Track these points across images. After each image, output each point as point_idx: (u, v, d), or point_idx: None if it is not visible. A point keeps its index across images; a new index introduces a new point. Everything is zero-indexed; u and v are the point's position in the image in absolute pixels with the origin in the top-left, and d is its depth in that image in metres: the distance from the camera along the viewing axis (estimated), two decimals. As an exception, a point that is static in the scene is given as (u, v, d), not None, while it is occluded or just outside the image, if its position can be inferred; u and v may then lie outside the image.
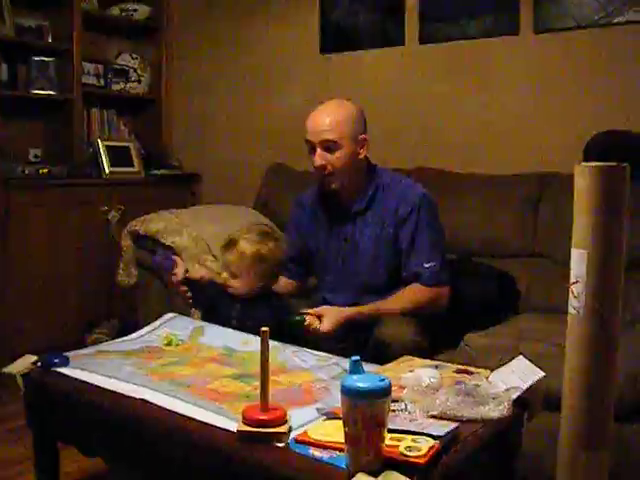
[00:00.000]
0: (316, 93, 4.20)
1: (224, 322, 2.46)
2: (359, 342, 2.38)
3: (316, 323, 2.35)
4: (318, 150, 2.53)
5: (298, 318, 2.36)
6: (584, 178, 1.42)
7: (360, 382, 1.35)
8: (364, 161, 2.63)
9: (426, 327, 2.40)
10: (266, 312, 2.42)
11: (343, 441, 1.39)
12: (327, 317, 2.36)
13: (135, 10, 4.70)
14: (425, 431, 1.48)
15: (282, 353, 2.15)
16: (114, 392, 1.86)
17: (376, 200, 2.61)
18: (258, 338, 1.59)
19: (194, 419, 1.66)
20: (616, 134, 2.99)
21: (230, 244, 2.46)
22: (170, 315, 2.56)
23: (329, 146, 2.52)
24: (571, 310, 1.47)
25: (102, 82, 4.62)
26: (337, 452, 1.44)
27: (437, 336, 2.57)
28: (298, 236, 2.76)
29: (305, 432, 1.53)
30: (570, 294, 1.47)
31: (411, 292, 2.51)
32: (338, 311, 2.40)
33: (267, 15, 4.42)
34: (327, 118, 2.53)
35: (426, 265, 2.50)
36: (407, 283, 2.54)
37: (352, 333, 2.43)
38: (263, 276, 2.47)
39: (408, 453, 1.38)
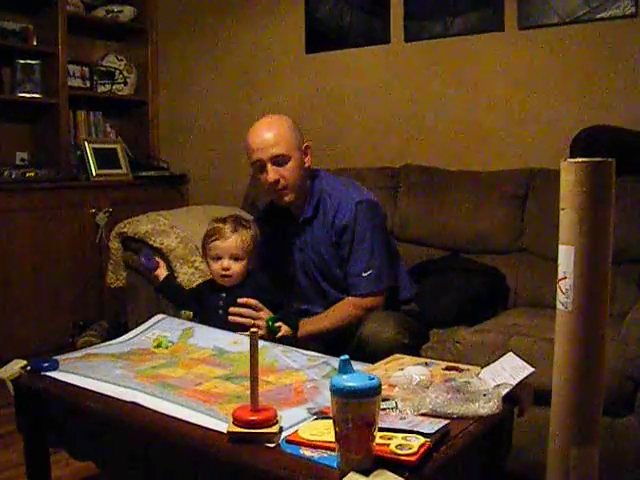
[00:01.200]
0: (302, 92, 4.22)
1: (210, 315, 2.52)
2: (344, 340, 2.43)
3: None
4: (269, 166, 2.52)
5: (273, 329, 2.45)
6: (570, 174, 1.42)
7: (350, 381, 1.35)
8: (309, 169, 2.65)
9: (407, 324, 2.43)
10: (250, 292, 2.52)
11: (334, 441, 1.39)
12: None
13: (120, 11, 4.69)
14: (416, 429, 1.49)
15: (272, 353, 2.15)
16: (104, 395, 1.85)
17: (320, 207, 2.62)
18: (247, 339, 1.59)
19: (185, 421, 1.65)
20: (602, 129, 3.00)
21: (223, 232, 2.54)
22: (159, 317, 2.56)
23: (279, 160, 2.52)
24: (559, 306, 1.47)
25: (88, 84, 4.60)
26: (328, 452, 1.44)
27: (422, 333, 2.59)
28: (267, 252, 2.76)
29: (296, 432, 1.53)
30: (558, 290, 1.47)
31: (342, 308, 2.54)
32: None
33: (253, 15, 4.41)
34: (270, 133, 2.53)
35: (364, 274, 2.51)
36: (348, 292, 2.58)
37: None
38: (252, 257, 2.57)
39: (399, 451, 1.38)
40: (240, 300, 2.47)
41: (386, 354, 2.13)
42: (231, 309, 2.48)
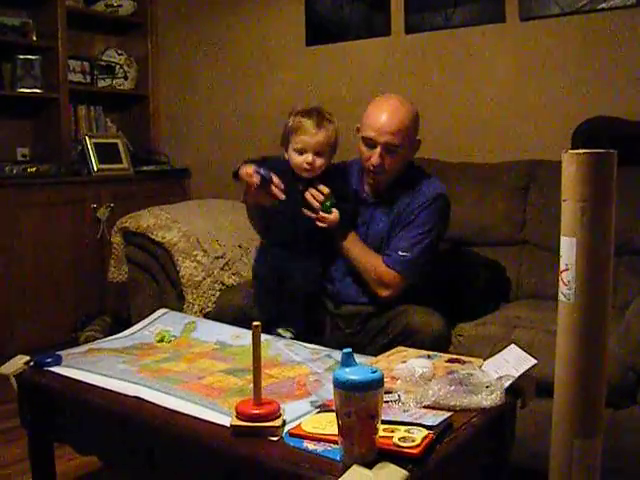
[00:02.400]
0: (303, 85, 4.21)
1: (289, 198, 2.50)
2: (386, 330, 2.43)
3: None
4: (378, 149, 2.47)
5: (326, 207, 2.48)
6: (571, 165, 1.42)
7: (352, 374, 1.35)
8: (410, 161, 2.62)
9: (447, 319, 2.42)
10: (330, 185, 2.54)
11: (337, 434, 1.39)
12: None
13: (120, 6, 4.68)
14: (418, 421, 1.49)
15: (274, 346, 2.16)
16: (107, 390, 1.86)
17: (396, 193, 2.58)
18: (250, 332, 1.59)
19: (188, 415, 1.66)
20: (604, 120, 2.99)
21: (309, 127, 2.54)
22: (162, 311, 2.56)
23: (390, 148, 2.47)
24: (561, 297, 1.47)
25: (88, 79, 4.60)
26: (331, 445, 1.44)
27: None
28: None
29: (299, 425, 1.53)
30: (560, 282, 1.47)
31: (375, 261, 2.51)
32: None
33: (253, 8, 4.40)
34: (395, 120, 2.47)
35: (400, 252, 2.49)
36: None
37: (367, 323, 2.51)
38: (334, 152, 2.60)
39: (402, 444, 1.39)
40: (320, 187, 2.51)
41: (432, 345, 2.15)
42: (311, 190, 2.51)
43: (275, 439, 1.51)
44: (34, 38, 4.23)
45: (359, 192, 2.65)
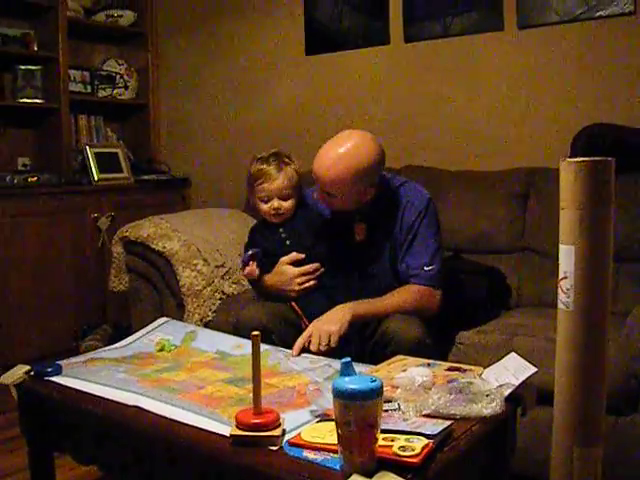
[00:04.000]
0: (302, 95, 4.22)
1: (278, 251, 2.58)
2: (363, 336, 2.40)
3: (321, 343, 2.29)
4: (321, 194, 2.48)
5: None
6: (569, 173, 1.42)
7: (351, 384, 1.35)
8: (372, 189, 2.50)
9: (430, 325, 2.38)
10: (305, 220, 2.61)
11: (337, 443, 1.39)
12: (330, 327, 2.30)
13: (120, 16, 4.70)
14: (418, 430, 1.49)
15: (274, 356, 2.15)
16: (107, 399, 1.86)
17: (381, 206, 2.55)
18: (249, 342, 1.59)
19: (188, 425, 1.66)
20: (602, 127, 2.99)
21: (268, 174, 2.56)
22: (162, 320, 2.57)
23: (329, 194, 2.44)
24: (561, 305, 1.47)
25: (89, 89, 4.60)
26: (331, 454, 1.44)
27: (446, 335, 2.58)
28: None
29: (298, 435, 1.53)
30: (559, 289, 1.47)
31: (406, 292, 2.46)
32: (338, 321, 2.31)
33: (253, 18, 4.41)
34: (330, 173, 2.38)
35: (426, 268, 2.47)
36: (402, 283, 2.51)
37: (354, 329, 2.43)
38: (299, 189, 2.63)
39: (402, 453, 1.38)
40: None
41: (409, 353, 2.12)
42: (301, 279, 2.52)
43: (275, 448, 1.51)
44: (35, 48, 4.24)
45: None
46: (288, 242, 2.58)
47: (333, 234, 2.62)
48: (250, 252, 2.61)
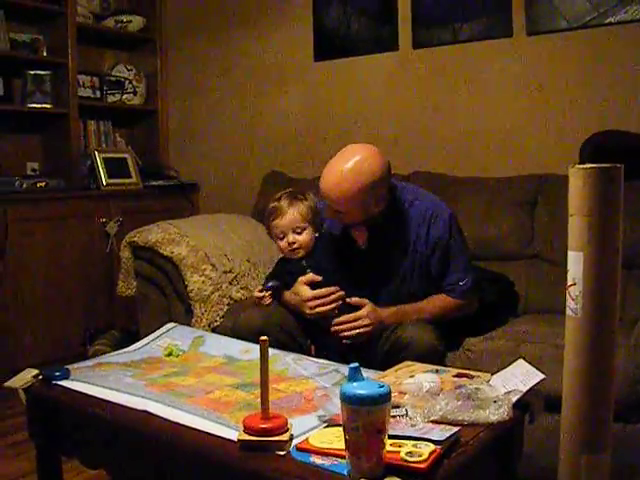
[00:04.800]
0: (311, 100, 4.23)
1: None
2: (372, 340, 2.42)
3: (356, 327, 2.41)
4: (333, 213, 2.47)
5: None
6: (578, 180, 1.42)
7: (359, 389, 1.36)
8: (382, 201, 2.48)
9: (442, 331, 2.40)
10: (323, 246, 2.59)
11: (344, 448, 1.39)
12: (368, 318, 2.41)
13: (129, 21, 4.71)
14: (426, 436, 1.49)
15: (282, 361, 2.15)
16: (116, 404, 1.86)
17: (399, 219, 2.53)
18: (257, 347, 1.59)
19: (195, 429, 1.66)
20: (612, 134, 2.99)
21: (279, 210, 2.54)
22: (170, 325, 2.57)
23: (339, 211, 2.44)
24: (569, 312, 1.47)
25: (98, 94, 4.62)
26: (338, 459, 1.44)
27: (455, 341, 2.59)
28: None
29: (306, 440, 1.53)
30: (567, 296, 1.47)
31: (440, 300, 2.51)
32: (377, 314, 2.44)
33: (261, 24, 4.43)
34: (336, 192, 2.37)
35: (460, 283, 2.50)
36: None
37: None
38: (317, 224, 2.58)
39: (409, 459, 1.38)
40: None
41: (421, 359, 2.12)
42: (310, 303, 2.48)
43: (282, 453, 1.51)
44: (44, 54, 4.26)
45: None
46: (309, 270, 2.55)
47: (342, 248, 2.61)
48: (271, 284, 2.60)
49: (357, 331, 2.40)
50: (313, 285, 2.51)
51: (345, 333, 2.42)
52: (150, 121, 4.97)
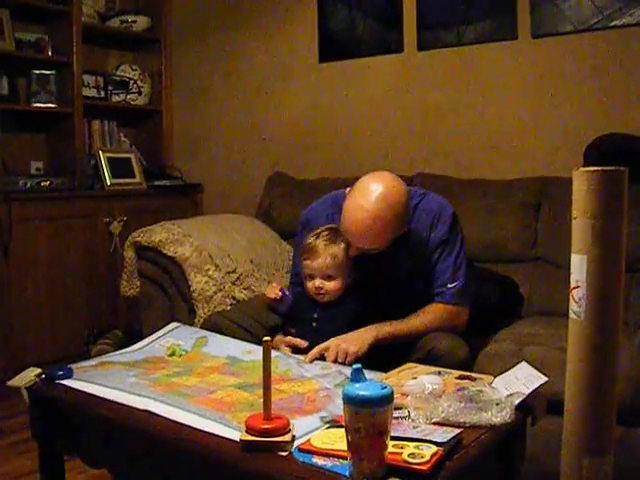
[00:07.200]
0: (316, 101, 4.23)
1: (304, 325, 2.44)
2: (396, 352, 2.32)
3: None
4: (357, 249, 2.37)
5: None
6: (582, 183, 1.42)
7: (362, 390, 1.35)
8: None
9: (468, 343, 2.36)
10: (352, 306, 2.41)
11: (346, 449, 1.39)
12: (349, 346, 2.24)
13: (134, 22, 4.72)
14: (428, 438, 1.48)
15: (285, 362, 2.15)
16: (118, 403, 1.86)
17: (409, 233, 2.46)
18: (260, 347, 1.59)
19: (198, 429, 1.65)
20: (616, 137, 2.99)
21: (314, 250, 2.39)
22: (173, 325, 2.57)
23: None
24: (572, 315, 1.47)
25: (102, 94, 4.62)
26: (341, 460, 1.43)
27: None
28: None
29: (308, 441, 1.53)
30: (571, 299, 1.47)
31: (430, 313, 2.41)
32: (359, 342, 2.27)
33: (266, 25, 4.43)
34: (370, 235, 2.26)
35: (450, 285, 2.42)
36: (427, 301, 2.46)
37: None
38: (350, 271, 2.43)
39: (411, 460, 1.38)
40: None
41: None
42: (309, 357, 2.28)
43: (284, 454, 1.51)
44: (49, 53, 4.27)
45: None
46: (314, 324, 2.43)
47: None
48: (287, 293, 2.55)
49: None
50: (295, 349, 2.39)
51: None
52: (154, 121, 4.98)
